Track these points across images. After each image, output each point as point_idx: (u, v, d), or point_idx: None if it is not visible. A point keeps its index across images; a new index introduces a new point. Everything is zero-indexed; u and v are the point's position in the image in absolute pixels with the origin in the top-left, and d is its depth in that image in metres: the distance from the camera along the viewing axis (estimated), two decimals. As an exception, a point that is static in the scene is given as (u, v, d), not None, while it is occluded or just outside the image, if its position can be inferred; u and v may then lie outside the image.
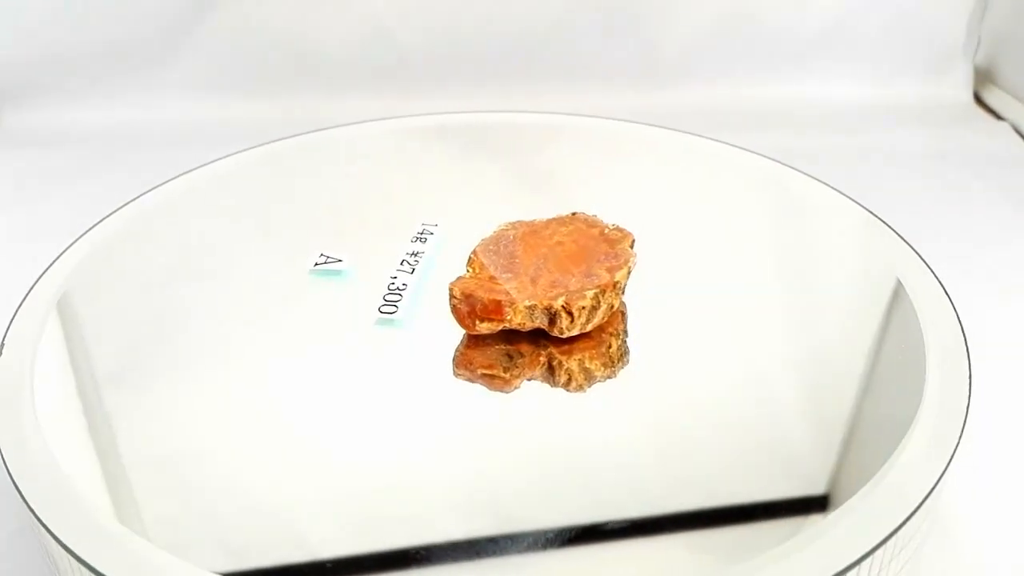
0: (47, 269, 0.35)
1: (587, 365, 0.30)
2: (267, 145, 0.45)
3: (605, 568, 0.24)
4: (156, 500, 0.26)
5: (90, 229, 0.37)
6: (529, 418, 0.28)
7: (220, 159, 0.43)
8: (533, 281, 0.30)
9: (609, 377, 0.29)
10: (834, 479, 0.26)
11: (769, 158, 0.42)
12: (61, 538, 0.24)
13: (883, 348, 0.31)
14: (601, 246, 0.31)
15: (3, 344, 0.29)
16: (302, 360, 0.31)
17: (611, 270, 0.30)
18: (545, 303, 0.29)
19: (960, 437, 0.26)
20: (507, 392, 0.29)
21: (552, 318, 0.30)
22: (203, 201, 0.40)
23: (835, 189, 0.40)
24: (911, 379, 0.29)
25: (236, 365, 0.31)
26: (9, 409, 0.28)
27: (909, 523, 0.24)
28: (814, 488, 0.26)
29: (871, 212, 0.38)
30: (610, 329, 0.31)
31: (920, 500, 0.24)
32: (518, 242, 0.32)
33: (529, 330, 0.30)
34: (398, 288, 0.34)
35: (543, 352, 0.30)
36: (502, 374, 0.30)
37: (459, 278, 0.31)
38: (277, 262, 0.36)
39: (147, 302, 0.34)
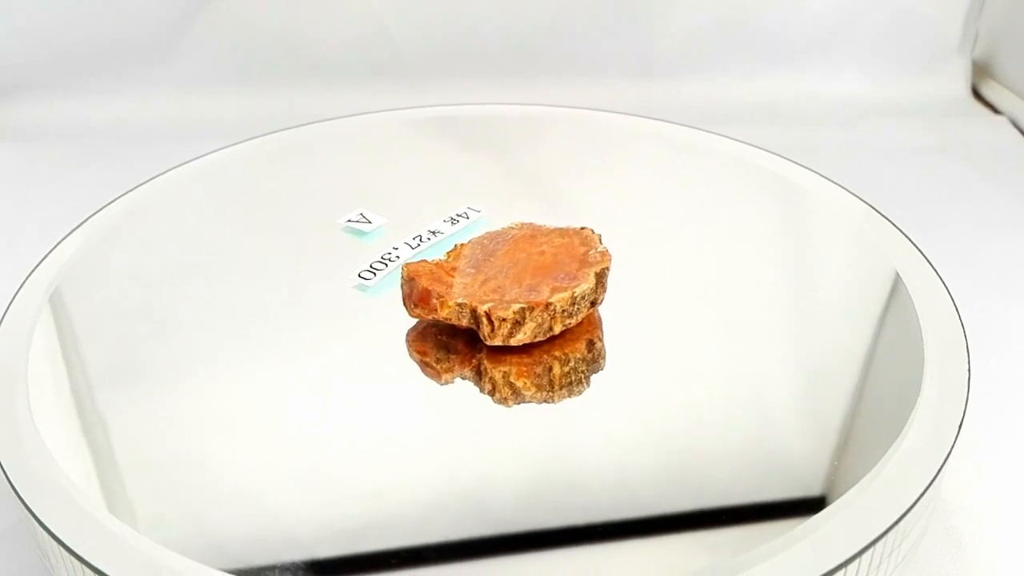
0: (39, 263, 0.33)
1: (513, 380, 0.28)
2: (264, 136, 0.43)
3: (598, 570, 0.23)
4: (148, 495, 0.25)
5: (82, 223, 0.36)
6: (518, 420, 0.27)
7: (210, 153, 0.41)
8: (484, 282, 0.29)
9: (546, 401, 0.27)
10: (832, 477, 0.25)
11: (767, 151, 0.41)
12: (55, 531, 0.23)
13: (881, 341, 0.30)
14: (571, 266, 0.29)
15: None
16: (289, 346, 0.30)
17: (555, 291, 0.28)
18: (473, 305, 0.28)
19: (958, 432, 0.25)
20: (440, 384, 0.28)
21: (477, 322, 0.28)
22: (195, 195, 0.39)
23: (834, 182, 0.38)
24: (910, 373, 0.28)
25: (227, 358, 0.30)
26: (2, 404, 0.27)
27: (904, 520, 0.23)
28: (811, 486, 0.25)
29: (870, 205, 0.37)
30: (557, 352, 0.29)
31: (916, 497, 0.23)
32: (509, 243, 0.31)
33: (465, 328, 0.29)
34: (390, 259, 0.33)
35: (476, 355, 0.29)
36: (434, 364, 0.29)
37: (420, 261, 0.30)
38: (273, 256, 0.35)
39: (139, 296, 0.33)
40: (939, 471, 0.24)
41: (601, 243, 0.31)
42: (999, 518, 0.32)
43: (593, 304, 0.29)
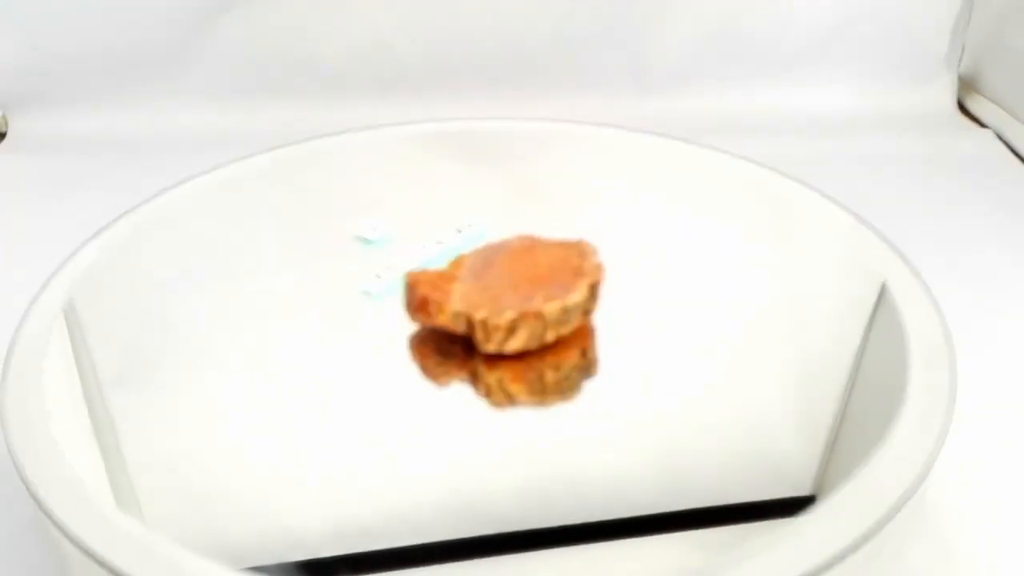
0: (55, 273, 0.33)
1: (507, 386, 0.28)
2: (274, 151, 0.42)
3: (592, 568, 0.24)
4: (158, 493, 0.26)
5: (98, 232, 0.36)
6: (514, 423, 0.28)
7: (220, 167, 0.41)
8: (483, 290, 0.29)
9: (539, 406, 0.28)
10: (819, 483, 0.25)
11: (758, 163, 0.40)
12: (67, 528, 0.23)
13: (868, 352, 0.30)
14: (565, 277, 0.30)
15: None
16: (296, 350, 0.31)
17: (547, 299, 0.29)
18: (468, 313, 0.28)
19: (942, 440, 0.25)
20: (438, 385, 0.29)
21: (473, 329, 0.29)
22: (206, 207, 0.39)
23: (822, 194, 0.38)
24: (895, 383, 0.27)
25: (235, 360, 0.30)
26: (19, 411, 0.27)
27: (891, 519, 0.23)
28: (800, 487, 0.25)
29: (857, 216, 0.36)
30: (550, 359, 0.29)
31: (902, 495, 0.23)
32: (508, 254, 0.31)
33: (465, 335, 0.29)
34: (396, 267, 0.33)
35: (473, 361, 0.29)
36: (432, 368, 0.29)
37: (423, 270, 0.30)
38: (283, 263, 0.35)
39: (151, 302, 0.33)
40: (926, 471, 0.24)
41: (596, 255, 0.31)
42: (986, 519, 0.32)
43: (586, 314, 0.30)
